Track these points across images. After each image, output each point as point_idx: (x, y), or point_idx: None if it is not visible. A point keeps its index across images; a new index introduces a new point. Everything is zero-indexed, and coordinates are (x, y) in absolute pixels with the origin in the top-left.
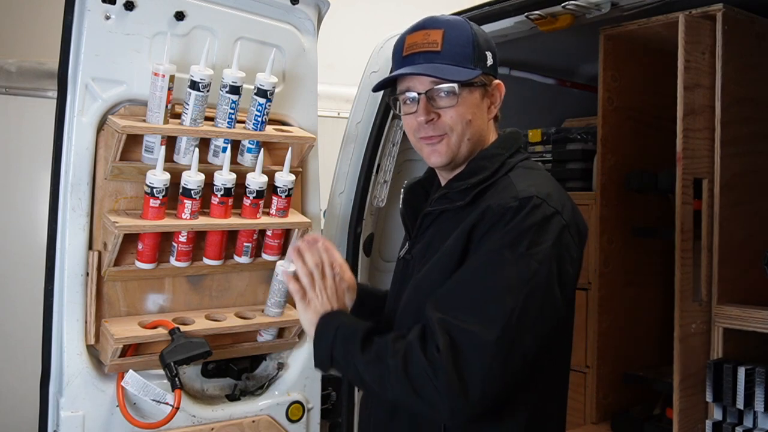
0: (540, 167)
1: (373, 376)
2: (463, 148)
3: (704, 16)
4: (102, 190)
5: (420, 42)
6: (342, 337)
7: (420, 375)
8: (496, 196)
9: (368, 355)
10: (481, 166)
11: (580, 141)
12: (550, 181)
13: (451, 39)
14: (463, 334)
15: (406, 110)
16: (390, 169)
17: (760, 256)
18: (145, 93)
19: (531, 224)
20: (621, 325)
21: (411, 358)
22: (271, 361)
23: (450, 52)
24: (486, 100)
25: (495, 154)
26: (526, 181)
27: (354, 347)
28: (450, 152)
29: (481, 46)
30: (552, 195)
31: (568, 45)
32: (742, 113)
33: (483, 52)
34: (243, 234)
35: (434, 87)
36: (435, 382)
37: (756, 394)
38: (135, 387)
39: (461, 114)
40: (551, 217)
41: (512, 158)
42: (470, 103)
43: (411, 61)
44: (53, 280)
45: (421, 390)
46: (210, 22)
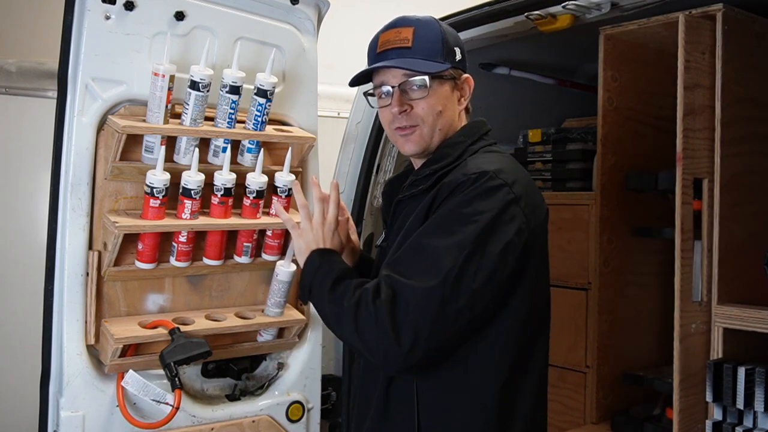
0: (500, 151)
1: (331, 312)
2: (435, 137)
3: (704, 16)
4: (102, 190)
5: (392, 39)
6: (322, 273)
7: (365, 321)
8: (450, 176)
9: (333, 293)
10: (445, 153)
11: (580, 141)
12: (505, 160)
13: (421, 36)
14: (402, 287)
15: (381, 104)
16: (390, 169)
17: (760, 256)
18: (145, 93)
19: (476, 194)
20: (621, 325)
21: (361, 304)
22: (271, 361)
23: (420, 48)
24: (456, 93)
25: (458, 142)
26: (479, 160)
27: (326, 284)
28: (423, 141)
29: (450, 42)
30: (503, 170)
31: (568, 45)
32: (742, 113)
33: (451, 47)
34: (243, 234)
35: (407, 80)
36: (375, 329)
37: (756, 394)
38: (135, 387)
39: (432, 105)
40: (497, 188)
41: (474, 145)
42: (441, 95)
43: (384, 57)
44: (53, 280)
45: (363, 334)
46: (210, 22)
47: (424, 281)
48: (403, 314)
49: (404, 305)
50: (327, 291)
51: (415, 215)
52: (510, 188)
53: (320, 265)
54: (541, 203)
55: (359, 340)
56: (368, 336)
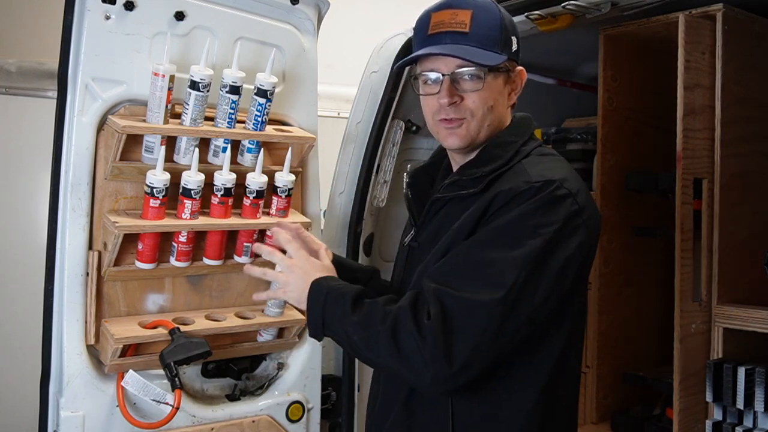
0: (554, 153)
1: (361, 337)
2: (482, 133)
3: (704, 16)
4: (102, 190)
5: (447, 21)
6: (332, 300)
7: (407, 340)
8: (507, 182)
9: (358, 316)
10: (495, 155)
11: (580, 141)
12: (565, 166)
13: (480, 21)
14: (456, 301)
15: (426, 90)
16: (390, 169)
17: (760, 256)
18: (145, 93)
19: (541, 204)
20: (621, 325)
21: (400, 322)
22: (271, 361)
23: (477, 35)
24: (508, 87)
25: (508, 142)
26: (539, 166)
27: (345, 309)
28: (469, 137)
29: (508, 30)
30: (567, 179)
31: (568, 45)
32: (742, 113)
33: (509, 36)
34: (243, 234)
35: (460, 69)
36: (421, 347)
37: (756, 394)
38: (135, 387)
39: (484, 99)
40: (563, 198)
41: (526, 146)
42: (494, 89)
43: (437, 40)
44: (53, 280)
45: (406, 355)
46: (210, 22)
47: (482, 295)
48: (456, 331)
49: (458, 321)
50: (348, 317)
51: (463, 221)
52: (574, 199)
53: (327, 294)
54: (596, 210)
55: (400, 363)
56: (413, 357)
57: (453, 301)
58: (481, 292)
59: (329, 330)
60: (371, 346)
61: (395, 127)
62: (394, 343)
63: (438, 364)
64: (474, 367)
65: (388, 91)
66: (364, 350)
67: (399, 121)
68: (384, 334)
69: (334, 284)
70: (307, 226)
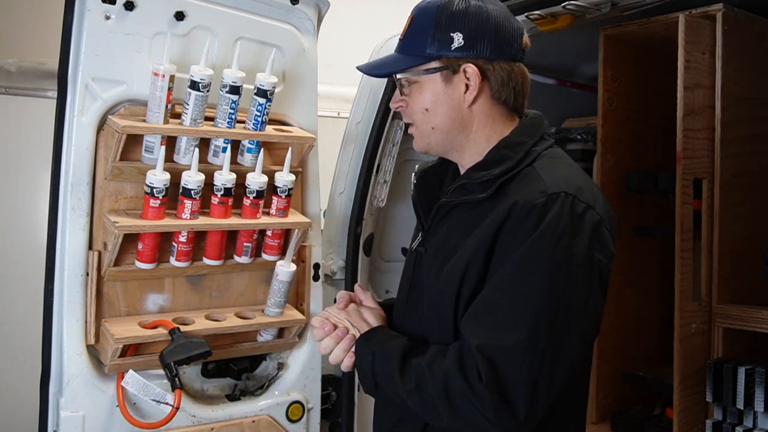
0: (565, 156)
1: (417, 404)
2: (433, 137)
3: (704, 16)
4: (102, 190)
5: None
6: (380, 362)
7: (464, 402)
8: (522, 191)
9: (409, 383)
10: (504, 156)
11: (580, 141)
12: (578, 172)
13: (415, 25)
14: (502, 355)
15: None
16: (390, 169)
17: (760, 256)
18: (145, 93)
19: (564, 225)
20: (621, 325)
21: (451, 386)
22: (271, 361)
23: (408, 41)
24: (455, 85)
25: (518, 142)
26: (553, 172)
27: (393, 374)
28: (421, 140)
29: (446, 28)
30: (582, 188)
31: (568, 45)
32: (742, 113)
33: (447, 35)
34: (243, 234)
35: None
36: (481, 408)
37: (756, 394)
38: (135, 387)
39: (416, 103)
40: (584, 213)
41: (537, 146)
42: (427, 91)
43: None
44: (53, 280)
45: (467, 416)
46: (210, 22)
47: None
48: (513, 383)
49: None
50: (399, 382)
51: (478, 237)
52: (594, 210)
53: (374, 355)
54: (610, 211)
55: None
56: (476, 419)
57: (498, 355)
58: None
59: (382, 390)
60: (429, 412)
61: (395, 127)
62: (451, 408)
63: (502, 420)
64: (539, 410)
65: (388, 91)
66: (426, 416)
67: (399, 121)
68: (440, 400)
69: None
70: (307, 226)
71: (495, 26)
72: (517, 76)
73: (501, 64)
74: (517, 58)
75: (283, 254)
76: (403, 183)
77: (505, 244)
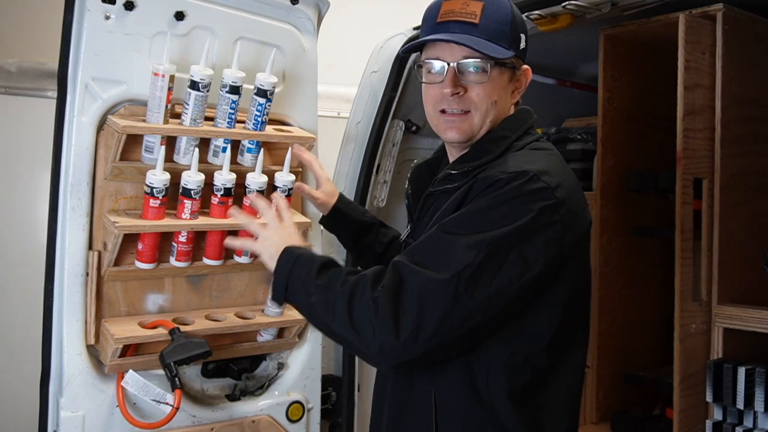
0: (548, 147)
1: (319, 300)
2: (483, 128)
3: (704, 16)
4: (102, 190)
5: (458, 10)
6: (300, 264)
7: (361, 309)
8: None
9: (321, 280)
10: (486, 150)
11: (580, 141)
12: (552, 159)
13: (490, 14)
14: (412, 275)
15: (429, 79)
16: (390, 169)
17: (760, 256)
18: (145, 93)
19: (515, 194)
20: (621, 325)
21: (357, 290)
22: (271, 361)
23: (487, 27)
24: (512, 84)
25: (501, 137)
26: (521, 158)
27: (310, 273)
28: (469, 130)
29: (518, 27)
30: (548, 172)
31: (568, 45)
32: (742, 113)
33: (518, 33)
34: (243, 234)
35: (465, 60)
36: (373, 318)
37: (756, 394)
38: (135, 387)
39: (488, 93)
40: (540, 190)
41: (519, 141)
42: (498, 84)
43: (445, 28)
44: (53, 280)
45: (358, 324)
46: (210, 22)
47: (437, 273)
48: (407, 303)
49: (410, 293)
50: (311, 279)
51: (444, 209)
52: (552, 192)
53: (297, 258)
54: (584, 210)
55: (352, 330)
56: (363, 325)
57: (408, 274)
58: (436, 271)
59: (291, 293)
60: (328, 309)
61: (395, 127)
62: (348, 308)
63: (385, 333)
64: (420, 343)
65: (388, 91)
66: (322, 313)
67: (399, 121)
68: (341, 296)
69: (305, 252)
70: (307, 226)
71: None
72: None
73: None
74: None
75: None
76: (403, 183)
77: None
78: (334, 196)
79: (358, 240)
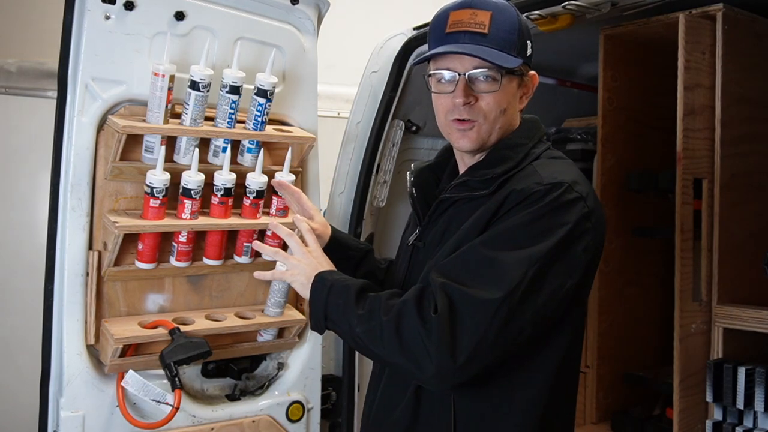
0: (563, 156)
1: (364, 329)
2: (493, 135)
3: (704, 16)
4: (102, 190)
5: (466, 20)
6: (336, 293)
7: (411, 333)
8: (519, 183)
9: (362, 308)
10: (506, 156)
11: (580, 141)
12: (574, 170)
13: (499, 23)
14: (463, 297)
15: (440, 89)
16: (390, 169)
17: (760, 256)
18: (145, 93)
19: (553, 206)
20: (621, 325)
21: (404, 315)
22: (271, 361)
23: (496, 37)
24: (520, 90)
25: (519, 144)
26: (550, 169)
27: (348, 302)
28: (480, 139)
29: (525, 34)
30: (577, 182)
31: (568, 45)
32: (742, 113)
33: (525, 41)
34: (243, 234)
35: (476, 70)
36: (426, 341)
37: (756, 394)
38: (135, 387)
39: (498, 101)
40: (575, 201)
41: (536, 148)
42: (508, 92)
43: (454, 39)
44: (53, 280)
45: (410, 348)
46: (210, 22)
47: (489, 293)
48: (462, 325)
49: (464, 316)
50: (351, 309)
51: (474, 221)
52: (585, 202)
53: (331, 286)
54: (603, 212)
55: (404, 356)
56: (416, 350)
57: (460, 297)
58: (488, 290)
59: (331, 322)
60: (375, 338)
61: (395, 127)
62: (397, 335)
63: (442, 358)
64: (476, 364)
65: (388, 91)
66: (368, 343)
67: (399, 121)
68: (387, 326)
69: (338, 277)
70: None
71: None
72: None
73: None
74: None
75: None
76: (403, 183)
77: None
78: (327, 226)
79: (359, 268)
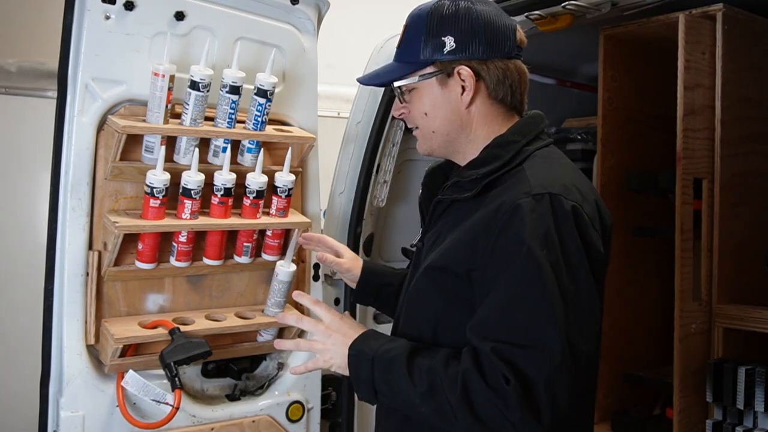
0: (560, 155)
1: (432, 408)
2: (435, 140)
3: (704, 16)
4: (102, 190)
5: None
6: (381, 368)
7: (487, 410)
8: (508, 191)
9: (421, 386)
10: (494, 155)
11: (580, 141)
12: (568, 172)
13: (410, 31)
14: (525, 359)
15: None
16: (390, 169)
17: (760, 256)
18: (145, 93)
19: (552, 224)
20: (621, 325)
21: (472, 389)
22: (271, 361)
23: (403, 48)
24: (451, 88)
25: (510, 141)
26: (541, 173)
27: (400, 376)
28: (423, 144)
29: (437, 32)
30: (569, 187)
31: (568, 45)
32: (742, 113)
33: (439, 39)
34: (243, 234)
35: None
36: (507, 412)
37: (756, 394)
38: (135, 387)
39: (417, 108)
40: (571, 212)
41: (529, 146)
42: (427, 96)
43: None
44: (53, 280)
45: (490, 421)
46: (210, 22)
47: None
48: (535, 389)
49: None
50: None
51: (466, 234)
52: (582, 209)
53: (373, 361)
54: (609, 217)
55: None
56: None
57: (520, 359)
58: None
59: (384, 396)
60: (447, 417)
61: (395, 127)
62: (472, 414)
63: (530, 425)
64: (562, 413)
65: (388, 91)
66: (440, 422)
67: (399, 121)
68: (459, 405)
69: (375, 345)
70: (307, 226)
71: (486, 26)
72: (513, 73)
73: (495, 62)
74: (512, 55)
75: (283, 254)
76: (403, 183)
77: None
78: (357, 259)
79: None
